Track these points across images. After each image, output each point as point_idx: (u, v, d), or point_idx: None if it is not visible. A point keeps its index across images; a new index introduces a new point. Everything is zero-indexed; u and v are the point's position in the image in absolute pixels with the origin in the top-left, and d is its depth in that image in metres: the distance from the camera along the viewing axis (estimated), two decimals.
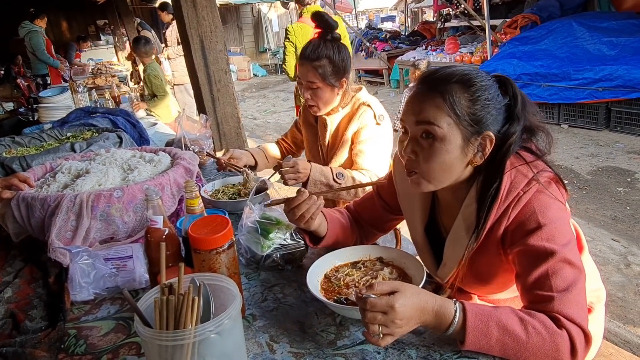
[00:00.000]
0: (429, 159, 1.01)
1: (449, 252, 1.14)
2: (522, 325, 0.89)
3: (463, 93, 0.99)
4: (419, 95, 1.03)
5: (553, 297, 0.92)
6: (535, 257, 0.96)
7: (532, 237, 0.96)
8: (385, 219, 1.40)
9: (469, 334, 0.88)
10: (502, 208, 1.00)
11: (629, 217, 3.56)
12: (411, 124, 1.03)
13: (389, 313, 0.86)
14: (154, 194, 1.05)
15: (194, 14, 2.26)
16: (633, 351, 2.18)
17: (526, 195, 0.98)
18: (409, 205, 1.27)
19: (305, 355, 0.96)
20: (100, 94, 4.63)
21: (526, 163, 1.02)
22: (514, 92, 1.04)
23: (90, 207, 1.32)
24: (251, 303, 1.17)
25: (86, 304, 1.22)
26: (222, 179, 1.92)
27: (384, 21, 20.86)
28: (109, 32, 10.91)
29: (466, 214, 1.07)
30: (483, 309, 0.92)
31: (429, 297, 0.91)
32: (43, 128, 2.43)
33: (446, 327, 0.90)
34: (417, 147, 1.03)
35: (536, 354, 0.88)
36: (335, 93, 1.82)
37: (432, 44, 9.44)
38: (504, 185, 1.00)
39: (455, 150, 1.00)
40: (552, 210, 0.97)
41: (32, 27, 6.71)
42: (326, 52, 1.75)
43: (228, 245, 1.00)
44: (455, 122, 0.98)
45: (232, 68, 13.59)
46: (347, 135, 1.83)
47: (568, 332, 0.88)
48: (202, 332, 0.75)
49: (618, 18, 6.07)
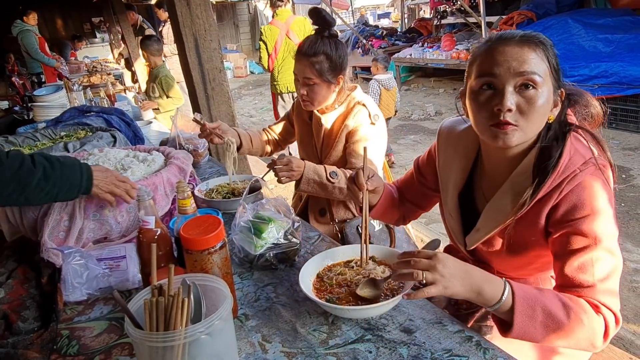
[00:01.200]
0: (530, 110, 0.99)
1: (486, 218, 1.14)
2: (565, 310, 0.93)
3: (548, 49, 1.01)
4: (514, 46, 1.00)
5: (594, 285, 0.97)
6: (583, 242, 0.98)
7: (584, 221, 0.97)
8: (423, 195, 1.44)
9: (517, 316, 0.91)
10: (557, 181, 1.00)
11: (624, 214, 3.58)
12: (508, 76, 0.99)
13: (433, 258, 0.91)
14: (145, 195, 1.05)
15: (187, 12, 2.25)
16: (626, 347, 2.20)
17: (582, 174, 0.99)
18: (447, 172, 1.27)
19: (297, 355, 0.97)
20: (95, 92, 4.62)
21: (586, 144, 1.04)
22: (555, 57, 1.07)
23: (83, 207, 1.32)
24: (244, 303, 1.17)
25: (79, 305, 1.22)
26: (216, 178, 1.92)
27: (380, 18, 20.83)
28: (105, 29, 10.86)
29: (516, 182, 1.07)
30: (530, 292, 0.95)
31: (475, 268, 0.95)
32: (37, 127, 2.41)
33: (494, 301, 0.92)
34: (515, 98, 0.99)
35: (575, 337, 0.94)
36: (332, 90, 1.81)
37: (428, 40, 9.42)
38: (563, 158, 1.00)
39: (548, 101, 1.01)
40: (605, 199, 0.99)
41: (24, 26, 6.68)
42: (323, 48, 1.74)
43: (220, 246, 1.00)
44: (550, 73, 1.00)
45: (229, 65, 13.56)
46: (342, 134, 1.82)
47: (604, 317, 0.95)
48: (193, 333, 0.75)
49: (614, 15, 6.08)
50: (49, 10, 8.22)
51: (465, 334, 0.98)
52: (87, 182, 1.25)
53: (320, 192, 1.73)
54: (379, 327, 1.03)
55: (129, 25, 7.04)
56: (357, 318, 1.06)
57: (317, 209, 1.97)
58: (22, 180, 1.13)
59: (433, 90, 9.01)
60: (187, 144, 2.25)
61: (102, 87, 4.88)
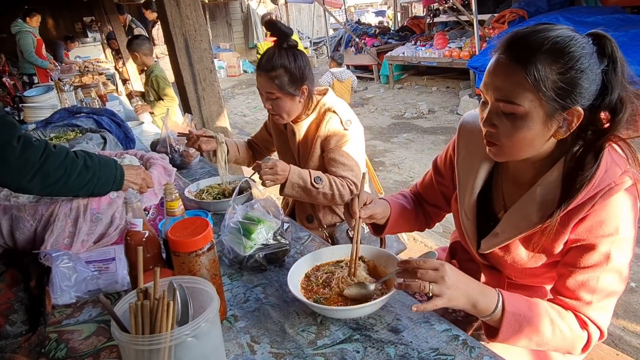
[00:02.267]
0: (509, 135, 0.95)
1: (507, 224, 1.08)
2: (552, 327, 0.96)
3: (551, 65, 0.88)
4: (501, 66, 0.93)
5: (591, 302, 0.97)
6: (596, 259, 0.96)
7: (605, 240, 0.94)
8: (443, 196, 1.37)
9: (503, 330, 0.96)
10: (590, 193, 0.93)
11: None
12: (490, 98, 0.97)
13: (440, 269, 0.92)
14: (132, 197, 1.05)
15: (177, 13, 2.24)
16: (615, 343, 2.22)
17: (617, 187, 0.92)
18: (467, 170, 1.20)
19: (285, 356, 0.97)
20: (86, 92, 4.59)
21: (624, 156, 0.96)
22: (613, 55, 0.92)
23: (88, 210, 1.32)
24: (233, 304, 1.17)
25: (68, 308, 1.21)
26: (207, 179, 1.92)
27: (378, 15, 20.84)
28: (96, 29, 10.79)
29: (545, 190, 1.00)
30: (520, 307, 0.96)
31: (473, 279, 0.98)
32: (27, 129, 2.40)
33: (489, 312, 0.96)
34: (497, 120, 0.96)
35: (554, 347, 0.99)
36: (297, 101, 1.78)
37: (421, 39, 9.45)
38: (600, 170, 0.92)
39: (537, 127, 0.93)
40: (632, 220, 0.95)
41: (24, 27, 6.65)
42: (281, 61, 1.71)
43: (208, 248, 1.01)
44: (539, 98, 0.89)
45: (222, 64, 13.51)
46: (316, 143, 1.81)
47: (589, 334, 0.97)
48: (179, 335, 0.75)
49: (604, 13, 6.13)
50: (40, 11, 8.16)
51: (452, 333, 0.99)
52: (121, 178, 1.36)
53: (304, 196, 1.72)
54: (367, 327, 1.03)
55: (120, 24, 7.00)
56: (346, 318, 1.06)
57: (303, 216, 1.98)
58: (68, 169, 1.23)
59: (426, 88, 9.04)
60: (177, 145, 2.25)
61: (94, 87, 4.85)
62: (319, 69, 13.31)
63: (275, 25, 1.74)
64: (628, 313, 2.45)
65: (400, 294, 1.13)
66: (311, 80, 1.79)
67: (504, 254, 1.12)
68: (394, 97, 8.77)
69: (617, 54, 0.92)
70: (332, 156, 1.77)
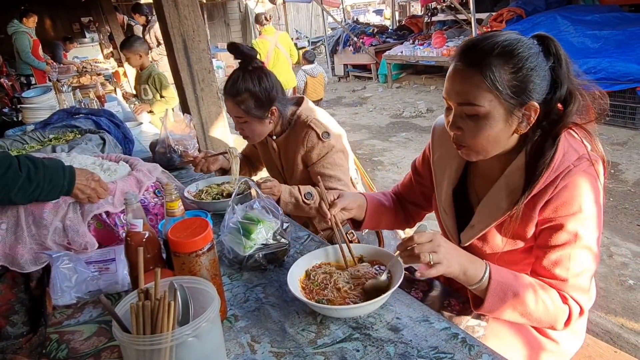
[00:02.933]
0: (474, 135, 1.03)
1: (481, 214, 1.16)
2: (535, 297, 1.01)
3: (504, 66, 0.97)
4: (458, 72, 1.02)
5: (567, 279, 1.02)
6: (565, 238, 1.02)
7: (570, 219, 1.01)
8: (422, 196, 1.46)
9: (489, 297, 1.01)
10: (551, 177, 1.02)
11: (612, 209, 3.62)
12: (453, 103, 1.04)
13: (434, 239, 0.98)
14: (132, 198, 1.05)
15: (175, 14, 2.24)
16: (613, 340, 2.23)
17: (576, 169, 1.00)
18: (442, 168, 1.29)
19: (285, 355, 0.98)
20: (84, 93, 4.58)
21: (580, 140, 1.05)
22: (557, 52, 1.02)
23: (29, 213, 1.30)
24: (233, 304, 1.18)
25: (68, 308, 1.22)
26: (205, 179, 1.92)
27: (377, 14, 20.83)
28: (94, 29, 10.78)
29: (511, 179, 1.09)
30: (506, 276, 1.02)
31: (461, 249, 1.04)
32: (26, 130, 2.40)
33: (476, 280, 1.01)
34: (461, 123, 1.04)
35: (537, 319, 1.03)
36: (266, 123, 1.77)
37: (419, 38, 9.45)
38: (557, 155, 1.01)
39: (499, 124, 1.01)
40: (595, 198, 1.02)
41: (20, 27, 6.64)
42: (245, 85, 1.68)
43: (208, 248, 1.01)
44: (497, 97, 0.98)
45: (220, 64, 13.50)
46: (297, 159, 1.82)
47: (570, 308, 1.03)
48: (180, 335, 0.76)
49: (601, 11, 6.14)
50: (37, 11, 8.15)
51: (451, 332, 1.00)
52: (69, 185, 1.31)
53: (299, 212, 1.75)
54: (367, 326, 1.04)
55: (117, 24, 7.00)
56: (345, 317, 1.07)
57: (300, 221, 1.99)
58: (9, 184, 1.19)
59: (424, 87, 9.05)
60: (176, 145, 2.25)
61: (92, 88, 4.84)
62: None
63: (237, 48, 1.71)
64: (626, 311, 2.46)
65: (399, 293, 1.14)
66: (281, 99, 1.76)
67: (482, 245, 1.19)
68: (393, 96, 8.77)
69: (560, 51, 1.02)
70: (317, 170, 1.78)
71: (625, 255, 2.98)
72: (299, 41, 15.09)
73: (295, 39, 15.36)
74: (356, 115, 7.85)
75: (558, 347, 1.19)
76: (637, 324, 2.35)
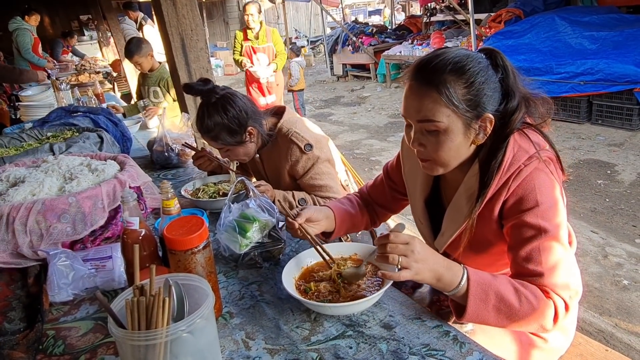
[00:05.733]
0: (437, 150, 1.06)
1: (448, 221, 1.20)
2: (517, 294, 0.99)
3: (457, 81, 1.00)
4: (415, 91, 1.04)
5: (542, 272, 1.01)
6: (529, 232, 1.02)
7: (529, 214, 1.02)
8: (393, 199, 1.47)
9: (471, 300, 0.98)
10: (503, 179, 1.05)
11: (608, 209, 3.64)
12: (413, 121, 1.07)
13: (410, 243, 0.97)
14: (129, 196, 1.06)
15: (173, 12, 2.25)
16: (606, 339, 2.25)
17: (527, 169, 1.03)
18: (413, 179, 1.32)
19: (279, 352, 0.99)
20: (83, 91, 4.59)
21: (528, 140, 1.07)
22: (504, 63, 1.06)
23: None
24: (229, 301, 1.19)
25: (65, 305, 1.23)
26: (202, 178, 1.93)
27: (371, 15, 20.87)
28: (93, 27, 10.75)
29: (468, 184, 1.12)
30: (484, 277, 1.00)
31: (439, 255, 1.02)
32: (24, 128, 2.41)
33: (453, 286, 0.99)
34: (423, 140, 1.07)
35: (526, 319, 0.99)
36: (248, 143, 1.76)
37: (418, 38, 9.46)
38: (506, 157, 1.04)
39: (458, 137, 1.04)
40: (550, 190, 1.03)
41: (22, 24, 6.62)
42: (213, 121, 1.67)
43: (203, 246, 1.02)
44: (454, 112, 1.01)
45: (219, 63, 13.50)
46: (283, 172, 1.83)
47: (554, 302, 1.00)
48: (174, 331, 0.77)
49: (599, 12, 6.15)
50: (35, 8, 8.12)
51: (443, 329, 1.01)
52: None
53: None
54: (360, 323, 1.05)
55: (117, 23, 6.98)
56: (339, 315, 1.08)
57: None
58: None
59: None
60: (174, 144, 2.26)
61: (90, 86, 4.84)
62: (315, 67, 13.32)
63: (192, 88, 1.68)
64: (620, 310, 2.48)
65: (393, 291, 1.15)
66: (254, 117, 1.74)
67: (454, 251, 1.21)
68: (391, 96, 8.78)
69: (507, 63, 1.06)
70: (307, 183, 1.80)
71: (620, 255, 3.00)
72: (298, 40, 15.09)
73: (294, 38, 15.36)
74: (354, 114, 7.86)
75: (547, 345, 1.20)
76: (630, 324, 2.37)
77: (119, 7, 7.75)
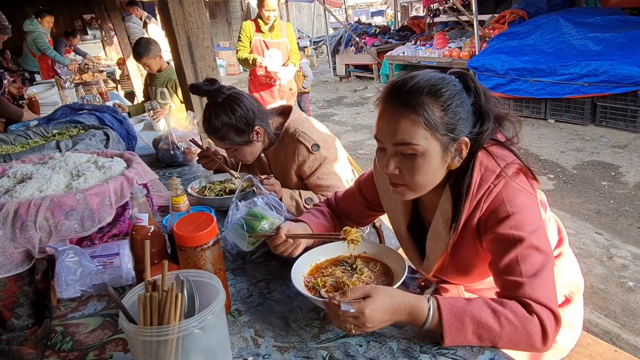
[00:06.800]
0: (412, 174, 1.03)
1: (430, 246, 1.18)
2: (495, 316, 0.93)
3: (434, 104, 0.98)
4: (392, 113, 1.01)
5: (523, 282, 0.96)
6: (505, 244, 1.00)
7: (502, 225, 1.00)
8: (364, 215, 1.43)
9: (446, 331, 0.92)
10: (474, 201, 1.04)
11: (613, 211, 3.63)
12: (388, 144, 1.03)
13: (360, 318, 0.91)
14: (138, 193, 1.06)
15: (180, 11, 2.25)
16: (613, 341, 2.24)
17: (496, 187, 1.02)
18: (392, 204, 1.29)
19: (289, 349, 0.98)
20: (87, 90, 4.59)
21: (493, 159, 1.04)
22: (475, 86, 1.04)
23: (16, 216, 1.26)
24: (237, 298, 1.18)
25: (73, 301, 1.23)
26: (207, 177, 1.93)
27: (374, 16, 20.88)
28: (96, 26, 10.76)
29: (443, 210, 1.11)
30: (457, 305, 0.94)
31: (402, 298, 0.95)
32: (29, 125, 2.41)
33: (421, 323, 0.94)
34: (399, 163, 1.04)
35: (510, 342, 0.93)
36: (255, 143, 1.77)
37: (421, 39, 9.45)
38: (474, 180, 1.03)
39: (436, 161, 1.02)
40: (520, 199, 1.01)
41: (38, 27, 6.64)
42: (220, 121, 1.66)
43: (213, 242, 1.02)
44: (432, 135, 0.98)
45: (222, 63, 13.51)
46: (291, 173, 1.83)
47: (538, 316, 0.93)
48: (186, 327, 0.77)
49: (603, 14, 6.14)
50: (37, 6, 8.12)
51: None
52: None
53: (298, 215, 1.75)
54: None
55: (120, 22, 6.99)
56: None
57: None
58: None
59: None
60: (180, 142, 2.26)
61: (94, 84, 4.85)
62: (318, 68, 13.32)
63: (198, 89, 1.69)
64: (626, 312, 2.47)
65: (403, 288, 1.15)
66: (261, 116, 1.74)
67: (441, 273, 1.21)
68: None
69: (477, 85, 1.04)
70: (314, 183, 1.80)
71: (625, 257, 2.99)
72: (301, 40, 15.09)
73: (297, 39, 15.34)
74: (357, 115, 7.86)
75: (555, 344, 1.20)
76: (636, 326, 2.36)
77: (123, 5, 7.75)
